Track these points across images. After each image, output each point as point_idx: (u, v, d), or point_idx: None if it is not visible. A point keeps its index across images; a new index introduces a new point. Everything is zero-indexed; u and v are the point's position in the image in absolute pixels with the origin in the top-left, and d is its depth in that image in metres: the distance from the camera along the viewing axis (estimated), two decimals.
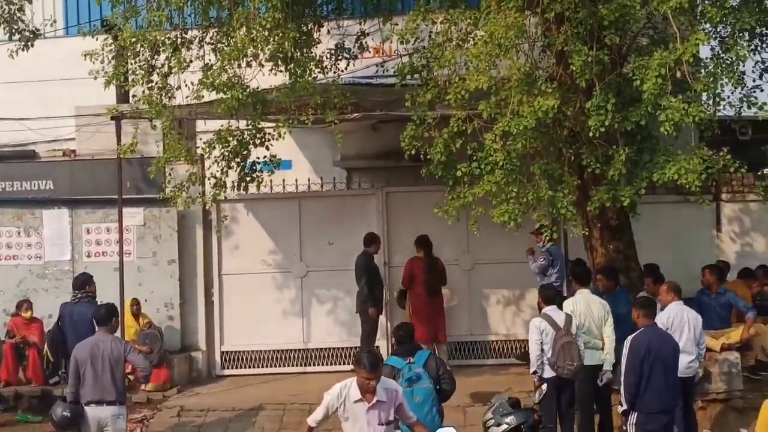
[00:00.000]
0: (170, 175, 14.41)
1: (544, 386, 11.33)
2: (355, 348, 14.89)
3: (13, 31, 14.57)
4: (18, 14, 14.49)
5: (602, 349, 11.77)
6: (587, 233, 13.08)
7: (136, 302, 15.31)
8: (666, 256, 14.88)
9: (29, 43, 14.73)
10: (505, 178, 11.38)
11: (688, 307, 11.77)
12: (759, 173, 16.41)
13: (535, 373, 11.48)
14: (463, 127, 11.81)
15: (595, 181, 12.42)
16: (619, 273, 13.21)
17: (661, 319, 11.30)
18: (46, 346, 14.71)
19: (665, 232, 15.92)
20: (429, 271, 15.30)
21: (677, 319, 11.50)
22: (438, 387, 9.90)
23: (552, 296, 11.87)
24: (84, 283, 13.24)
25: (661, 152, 11.61)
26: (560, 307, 11.71)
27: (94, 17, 17.22)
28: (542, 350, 11.35)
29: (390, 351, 13.73)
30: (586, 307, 11.88)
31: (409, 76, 12.78)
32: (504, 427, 9.78)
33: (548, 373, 11.36)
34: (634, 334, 10.66)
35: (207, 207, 15.70)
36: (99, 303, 12.82)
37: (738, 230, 16.62)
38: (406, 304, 15.45)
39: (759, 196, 13.73)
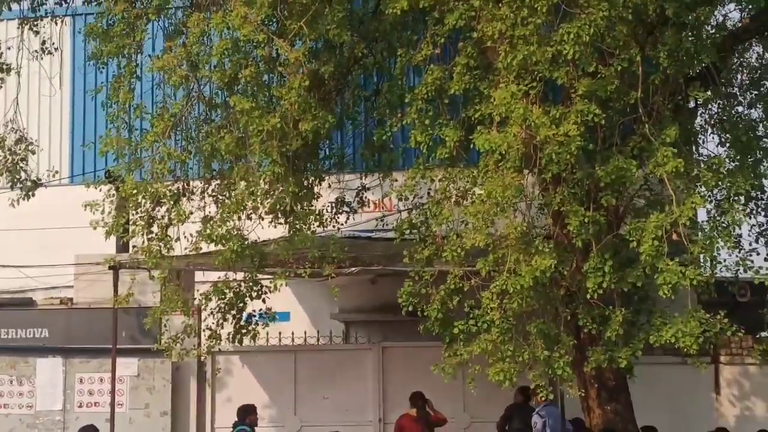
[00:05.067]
0: (166, 326, 14.35)
1: None
2: None
3: (15, 180, 14.76)
4: (21, 164, 14.69)
5: None
6: (583, 394, 12.91)
7: None
8: (664, 418, 14.73)
9: (30, 193, 14.88)
10: (501, 336, 11.28)
11: None
12: (757, 336, 16.28)
13: None
14: (460, 285, 11.78)
15: (592, 341, 12.31)
16: None
17: None
18: None
19: (663, 394, 15.70)
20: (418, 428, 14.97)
21: None
22: None
23: None
24: None
25: (658, 314, 11.57)
26: None
27: (100, 167, 17.42)
28: None
29: None
30: None
31: (407, 232, 12.84)
32: None
33: None
34: None
35: (202, 359, 15.59)
36: None
37: (737, 393, 16.40)
38: None
39: (757, 359, 13.60)
